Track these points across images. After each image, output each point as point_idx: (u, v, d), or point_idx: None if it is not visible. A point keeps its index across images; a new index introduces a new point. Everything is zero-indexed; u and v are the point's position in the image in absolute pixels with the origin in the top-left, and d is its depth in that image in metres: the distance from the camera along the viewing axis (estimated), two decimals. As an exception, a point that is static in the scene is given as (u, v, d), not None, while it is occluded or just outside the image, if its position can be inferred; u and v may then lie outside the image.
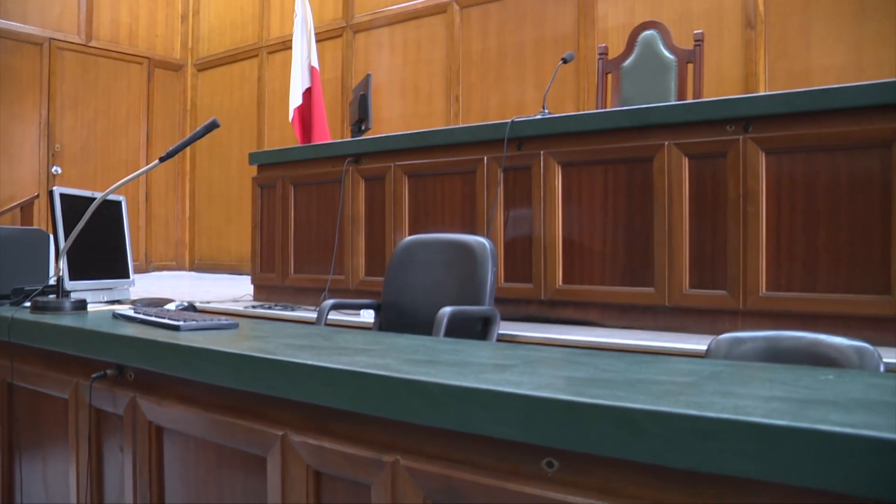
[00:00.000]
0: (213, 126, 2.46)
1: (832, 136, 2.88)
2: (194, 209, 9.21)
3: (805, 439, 0.87)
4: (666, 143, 3.20)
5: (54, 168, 7.99)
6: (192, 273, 8.95)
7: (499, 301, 3.16)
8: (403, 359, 1.44)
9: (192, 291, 6.17)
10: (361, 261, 4.33)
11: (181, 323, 1.89)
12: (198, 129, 2.44)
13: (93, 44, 8.41)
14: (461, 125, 4.18)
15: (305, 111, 6.84)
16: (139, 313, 2.12)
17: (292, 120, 6.90)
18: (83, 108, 8.33)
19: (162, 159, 2.43)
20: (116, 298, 3.01)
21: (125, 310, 2.25)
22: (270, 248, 4.87)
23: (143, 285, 6.21)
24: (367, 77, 5.09)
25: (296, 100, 6.88)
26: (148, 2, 9.01)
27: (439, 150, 3.99)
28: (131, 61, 8.79)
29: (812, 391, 1.10)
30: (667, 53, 4.54)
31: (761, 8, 5.30)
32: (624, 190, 3.33)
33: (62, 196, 2.64)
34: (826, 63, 5.06)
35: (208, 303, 4.62)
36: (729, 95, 5.15)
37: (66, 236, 2.44)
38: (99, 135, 8.44)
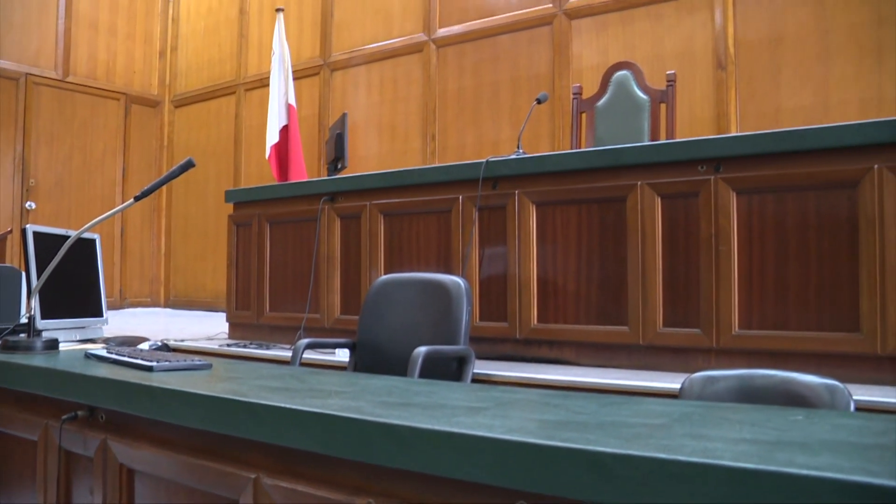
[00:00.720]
0: (188, 166, 2.46)
1: (801, 176, 2.93)
2: (170, 245, 9.16)
3: (772, 482, 0.88)
4: (639, 182, 3.24)
5: (28, 203, 7.93)
6: (167, 310, 8.88)
7: (474, 340, 3.16)
8: (377, 401, 1.44)
9: (166, 329, 6.12)
10: (337, 299, 4.32)
11: (154, 363, 1.88)
12: (173, 168, 2.43)
13: (70, 79, 8.39)
14: (437, 164, 4.21)
15: (282, 148, 6.86)
16: (112, 353, 2.10)
17: (269, 157, 6.92)
18: (59, 144, 8.29)
19: (137, 198, 2.42)
20: (89, 337, 2.99)
21: (98, 349, 2.23)
22: (246, 286, 4.86)
23: (117, 323, 6.15)
24: (344, 116, 5.13)
25: (273, 137, 6.91)
26: (126, 38, 9.03)
27: (415, 190, 4.02)
28: (108, 97, 8.78)
29: (781, 433, 1.11)
30: (640, 93, 4.61)
31: (731, 50, 5.41)
32: (598, 229, 3.36)
33: (35, 234, 2.63)
34: (794, 103, 5.17)
35: (182, 341, 4.58)
36: (701, 135, 5.31)
37: (39, 275, 2.42)
38: (74, 170, 8.40)
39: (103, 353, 2.14)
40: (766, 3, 5.33)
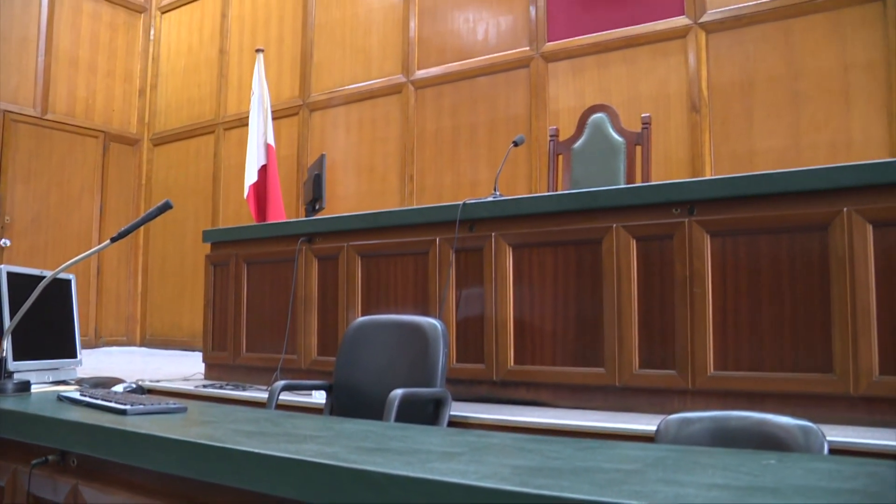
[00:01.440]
0: (165, 207, 2.47)
1: (773, 219, 2.97)
2: (147, 284, 9.10)
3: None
4: (614, 225, 3.27)
5: (3, 241, 7.86)
6: (143, 349, 8.80)
7: (451, 381, 3.16)
8: (352, 446, 1.44)
9: (142, 369, 6.06)
10: (314, 340, 4.31)
11: (128, 407, 1.86)
12: (150, 210, 2.43)
13: (48, 116, 8.37)
14: (414, 206, 4.23)
15: (261, 188, 6.87)
16: (85, 396, 2.08)
17: (247, 196, 6.92)
18: (36, 181, 8.25)
19: (114, 239, 2.42)
20: (62, 379, 2.95)
21: (71, 392, 2.21)
22: (223, 327, 4.83)
23: (92, 362, 6.07)
24: (322, 157, 5.16)
25: (251, 176, 6.92)
26: (106, 76, 9.04)
27: (392, 231, 4.03)
28: (87, 135, 8.76)
29: (753, 478, 1.12)
30: (616, 136, 4.67)
31: (705, 92, 5.51)
32: (574, 271, 3.39)
33: (9, 274, 2.61)
34: (767, 145, 5.25)
35: (158, 382, 4.54)
36: (677, 176, 5.39)
37: (12, 315, 2.40)
38: (51, 208, 8.34)
39: (76, 395, 2.11)
40: (737, 48, 5.44)
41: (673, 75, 5.66)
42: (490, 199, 3.75)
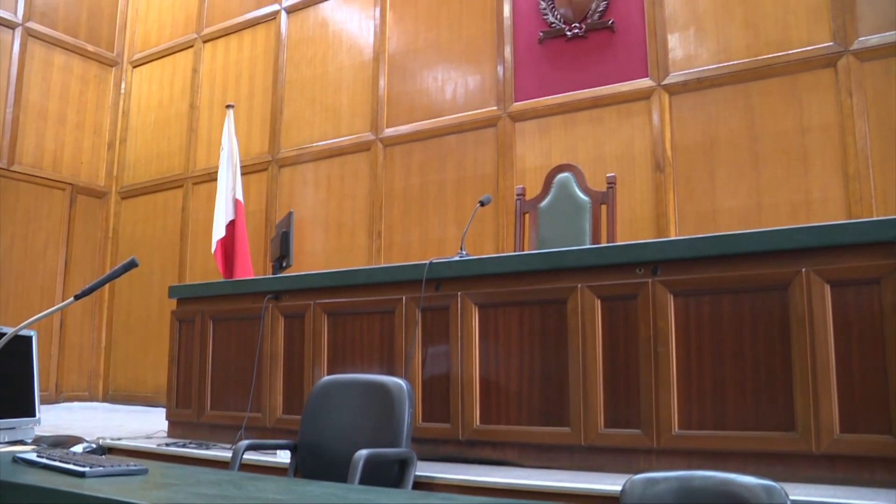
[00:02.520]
0: (131, 265, 2.46)
1: (735, 279, 3.02)
2: (111, 338, 8.99)
3: None
4: (579, 285, 3.31)
5: (-37, 294, 7.76)
6: (105, 405, 8.64)
7: (416, 441, 3.14)
8: (312, 514, 1.44)
9: (103, 426, 5.95)
10: (279, 399, 4.27)
11: (87, 469, 1.84)
12: (116, 268, 2.43)
13: (15, 168, 8.32)
14: (381, 264, 4.26)
15: (228, 243, 6.86)
16: (42, 457, 2.05)
17: (215, 252, 6.90)
18: (-1, 232, 8.18)
19: (77, 297, 2.41)
20: (19, 439, 2.91)
21: (27, 453, 2.17)
22: (187, 384, 4.78)
23: (52, 419, 5.97)
24: (290, 214, 5.17)
25: (219, 232, 6.91)
26: (74, 129, 9.03)
27: (359, 290, 4.04)
28: (54, 187, 8.71)
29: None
30: (581, 195, 4.73)
31: (669, 153, 5.62)
32: (539, 330, 3.41)
33: (-31, 333, 2.58)
34: (729, 205, 5.36)
35: (119, 440, 4.46)
36: (642, 235, 5.48)
37: (-29, 376, 2.37)
38: (14, 260, 8.24)
39: (33, 457, 2.08)
40: (700, 110, 5.58)
41: (637, 135, 5.79)
42: (456, 258, 3.77)
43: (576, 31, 6.17)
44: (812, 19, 5.28)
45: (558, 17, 6.26)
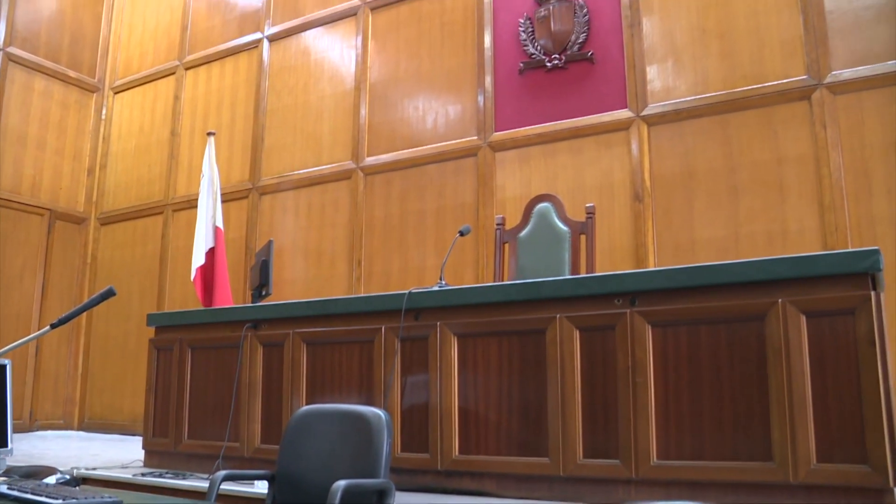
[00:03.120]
0: (108, 294, 2.46)
1: (712, 309, 3.05)
2: (87, 365, 8.89)
3: None
4: (558, 315, 3.33)
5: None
6: (81, 433, 8.53)
7: (395, 471, 3.13)
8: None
9: (78, 455, 5.88)
10: (257, 428, 4.25)
11: (59, 501, 1.82)
12: (93, 296, 2.42)
13: (-7, 193, 8.28)
14: (361, 294, 4.25)
15: (208, 271, 6.84)
16: (13, 489, 2.03)
17: (194, 279, 6.87)
18: (-26, 258, 8.10)
19: (53, 326, 2.40)
20: (-8, 470, 2.87)
21: (-2, 485, 2.15)
22: (164, 413, 4.74)
23: (26, 447, 5.91)
24: (269, 243, 5.17)
25: (199, 259, 6.89)
26: (54, 154, 8.99)
27: (338, 319, 4.04)
28: (32, 212, 8.65)
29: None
30: (561, 225, 4.76)
31: (648, 183, 5.68)
32: (518, 361, 3.42)
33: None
34: (707, 234, 5.41)
35: (94, 470, 4.41)
36: (621, 264, 5.52)
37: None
38: (-11, 286, 8.18)
39: (4, 489, 2.05)
40: (678, 140, 5.64)
41: (617, 166, 5.84)
42: (435, 288, 3.78)
43: (556, 62, 6.23)
44: (786, 53, 5.37)
45: (538, 48, 6.33)
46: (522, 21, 6.47)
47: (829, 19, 5.26)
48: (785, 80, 5.34)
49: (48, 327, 2.40)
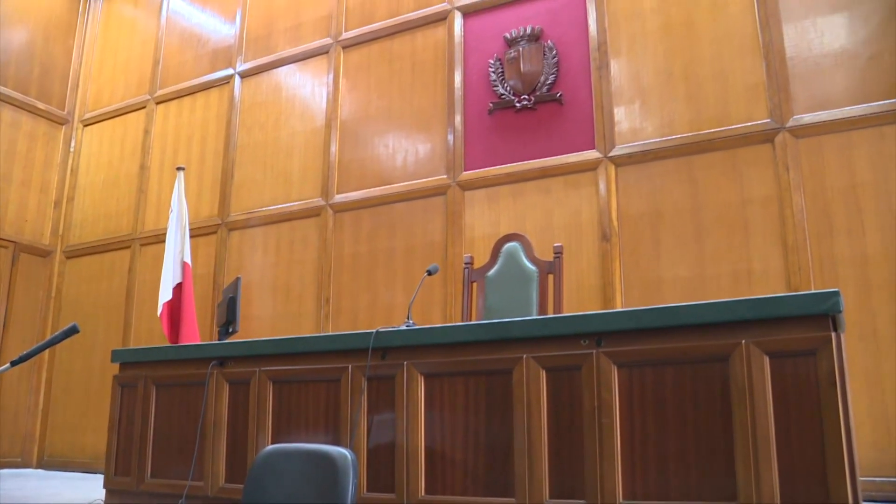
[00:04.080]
0: (72, 332, 2.44)
1: (677, 350, 3.07)
2: (49, 401, 8.73)
3: None
4: (524, 355, 3.34)
5: None
6: (40, 471, 8.35)
7: (361, 512, 3.11)
8: None
9: (36, 494, 5.76)
10: (222, 467, 4.19)
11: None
12: (56, 333, 2.41)
13: (-45, 226, 8.17)
14: (327, 333, 4.24)
15: (175, 306, 6.79)
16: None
17: (161, 314, 6.81)
18: (-65, 291, 7.96)
19: (14, 363, 2.38)
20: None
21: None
22: (127, 451, 4.67)
23: (-18, 487, 5.77)
24: (237, 280, 5.14)
25: (166, 294, 6.84)
26: (20, 186, 8.90)
27: (305, 357, 4.02)
28: (-6, 245, 8.56)
29: None
30: (529, 265, 4.79)
31: (615, 223, 5.74)
32: (485, 401, 3.42)
33: None
34: (674, 274, 5.47)
35: (53, 510, 4.33)
36: (588, 303, 5.55)
37: None
38: (-51, 320, 8.04)
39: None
40: (645, 181, 5.72)
41: (584, 206, 5.90)
42: (403, 327, 3.79)
43: (525, 102, 6.31)
44: (750, 97, 5.49)
45: (508, 88, 6.41)
46: (492, 62, 6.56)
47: (791, 65, 5.40)
48: (749, 124, 5.45)
49: (9, 364, 2.38)
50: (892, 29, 5.16)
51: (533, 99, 6.29)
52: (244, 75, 8.16)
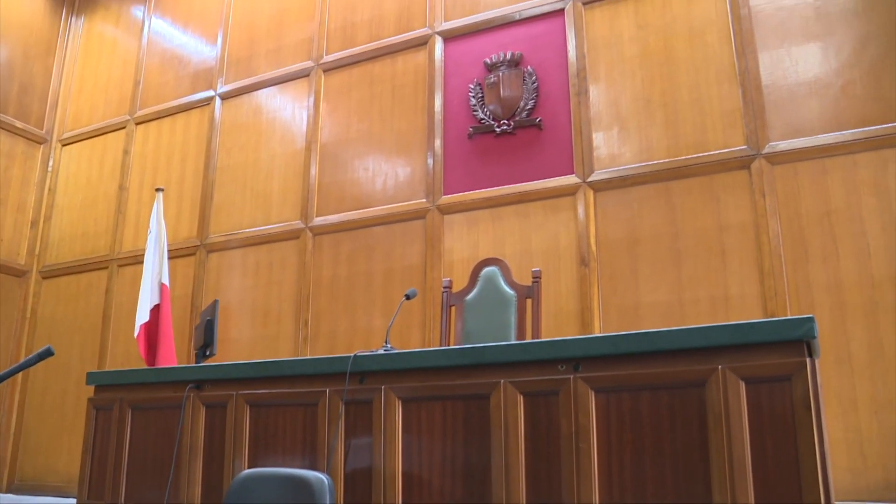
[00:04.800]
0: (46, 354, 2.42)
1: (654, 375, 3.09)
2: (21, 423, 8.60)
3: None
4: (502, 380, 3.34)
5: None
6: (9, 496, 8.21)
7: (337, 538, 3.09)
8: None
9: (8, 519, 5.68)
10: (197, 491, 4.15)
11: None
12: (30, 356, 2.38)
13: (-73, 244, 8.09)
14: (305, 357, 4.22)
15: (152, 328, 6.74)
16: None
17: (138, 336, 6.76)
18: None
19: (-13, 387, 2.34)
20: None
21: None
22: (101, 475, 4.61)
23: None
24: (215, 303, 5.13)
25: (143, 316, 6.79)
26: (-5, 205, 8.86)
27: (282, 381, 4.00)
28: (-33, 264, 8.48)
29: None
30: (507, 289, 4.81)
31: (593, 247, 5.77)
32: (462, 425, 3.41)
33: None
34: (652, 299, 5.50)
35: (24, 535, 4.27)
36: (566, 328, 5.58)
37: None
38: (-79, 340, 7.94)
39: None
40: (623, 207, 5.77)
41: (563, 230, 5.94)
42: (381, 351, 3.78)
43: (504, 127, 6.36)
44: (727, 124, 5.56)
45: (488, 113, 6.46)
46: (472, 86, 6.60)
47: (766, 93, 5.48)
48: (726, 150, 5.52)
49: (-18, 388, 2.35)
50: (863, 59, 5.26)
51: (512, 124, 6.33)
52: (225, 97, 8.17)
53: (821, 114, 5.29)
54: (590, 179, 5.94)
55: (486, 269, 4.92)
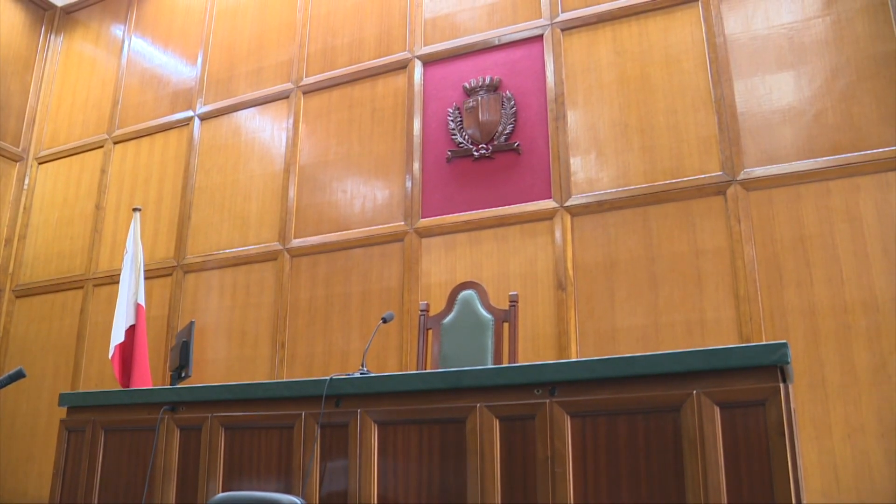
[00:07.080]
0: (18, 376, 2.40)
1: (630, 400, 3.10)
2: (-9, 445, 8.51)
3: None
4: (478, 405, 3.34)
5: None
6: (-22, 519, 8.12)
7: (311, 563, 3.06)
8: None
9: (-24, 543, 5.58)
10: (170, 515, 4.12)
11: None
12: (1, 378, 2.36)
13: None
14: (281, 380, 4.20)
15: (127, 349, 6.69)
16: None
17: (112, 357, 6.71)
18: None
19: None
20: None
21: None
22: (72, 498, 4.55)
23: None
24: (191, 324, 5.10)
25: (118, 336, 6.74)
26: (-30, 224, 8.77)
27: (258, 404, 3.98)
28: (-61, 283, 8.37)
29: None
30: (484, 313, 4.82)
31: (570, 272, 5.80)
32: (438, 449, 3.41)
33: None
34: (628, 323, 5.53)
35: (-7, 560, 4.20)
36: (543, 351, 5.59)
37: None
38: None
39: None
40: (600, 231, 5.81)
41: (540, 254, 5.96)
42: (357, 374, 3.77)
43: (483, 151, 6.39)
44: (703, 150, 5.62)
45: (466, 137, 6.49)
46: (451, 110, 6.64)
47: (742, 120, 5.55)
48: (702, 176, 5.58)
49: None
50: (835, 88, 5.35)
51: (491, 148, 6.37)
52: (204, 117, 8.16)
53: (794, 141, 5.36)
54: (567, 204, 5.98)
55: (464, 293, 4.93)
